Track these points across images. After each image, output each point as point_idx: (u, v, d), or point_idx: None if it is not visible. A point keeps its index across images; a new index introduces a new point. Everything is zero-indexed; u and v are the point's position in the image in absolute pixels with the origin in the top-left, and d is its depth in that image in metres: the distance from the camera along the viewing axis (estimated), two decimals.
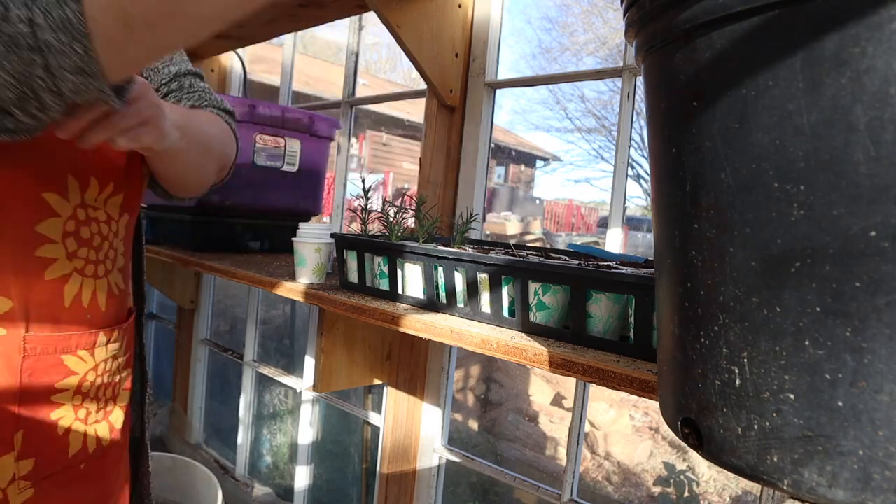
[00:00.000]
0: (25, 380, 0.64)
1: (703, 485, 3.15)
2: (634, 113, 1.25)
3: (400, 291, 1.00)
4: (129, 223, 0.78)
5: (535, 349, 0.75)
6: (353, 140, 2.06)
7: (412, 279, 0.98)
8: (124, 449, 0.80)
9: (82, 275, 0.69)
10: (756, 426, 0.34)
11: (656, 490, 3.19)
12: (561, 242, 8.05)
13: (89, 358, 0.70)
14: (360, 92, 1.96)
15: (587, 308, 0.77)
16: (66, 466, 0.68)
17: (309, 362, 2.00)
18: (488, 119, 1.49)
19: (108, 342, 0.73)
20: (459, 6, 1.44)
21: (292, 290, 1.13)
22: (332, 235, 1.13)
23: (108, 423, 0.75)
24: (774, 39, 0.32)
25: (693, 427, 0.39)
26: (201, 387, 2.50)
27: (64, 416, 0.68)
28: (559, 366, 0.73)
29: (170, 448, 2.47)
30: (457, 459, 1.50)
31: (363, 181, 1.11)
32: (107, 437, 0.75)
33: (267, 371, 2.18)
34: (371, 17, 1.70)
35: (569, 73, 1.37)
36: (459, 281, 0.91)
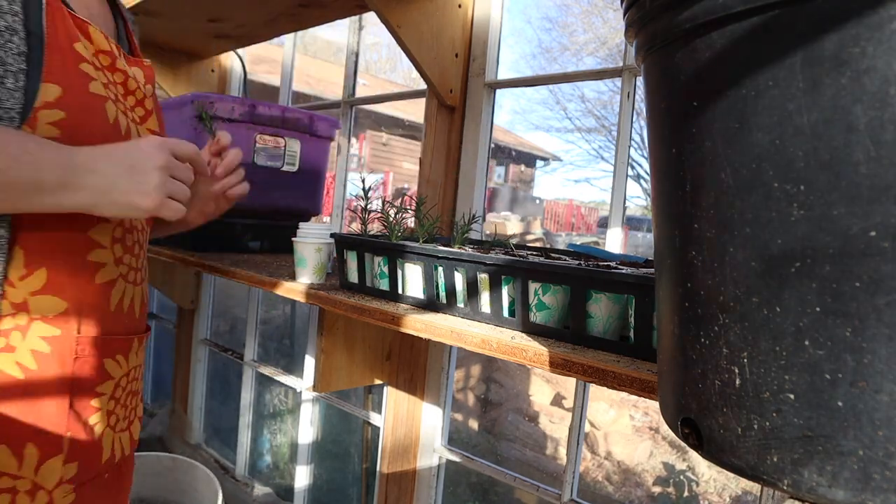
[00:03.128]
0: (76, 382, 0.64)
1: (703, 485, 3.15)
2: (634, 113, 1.25)
3: (400, 291, 1.00)
4: None
5: (535, 349, 0.75)
6: (353, 140, 2.06)
7: (412, 279, 0.98)
8: (133, 465, 0.80)
9: (126, 280, 0.71)
10: (756, 426, 0.34)
11: (656, 490, 3.20)
12: (561, 242, 8.05)
13: (124, 363, 0.71)
14: (360, 92, 1.96)
15: (587, 308, 0.77)
16: (97, 473, 0.69)
17: (309, 362, 2.00)
18: (488, 119, 1.49)
19: (138, 349, 0.75)
20: (459, 6, 1.44)
21: (292, 290, 1.13)
22: (332, 235, 1.13)
23: (129, 433, 0.75)
24: (774, 39, 0.32)
25: (693, 427, 0.39)
26: (201, 387, 2.50)
27: (98, 421, 0.68)
28: (559, 366, 0.73)
29: (170, 448, 2.47)
30: (457, 459, 1.50)
31: (363, 181, 1.11)
32: (128, 448, 0.75)
33: (267, 371, 2.18)
34: (371, 17, 1.70)
35: (569, 73, 1.37)
36: (459, 281, 0.91)
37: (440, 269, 0.94)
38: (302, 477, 2.04)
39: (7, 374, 0.59)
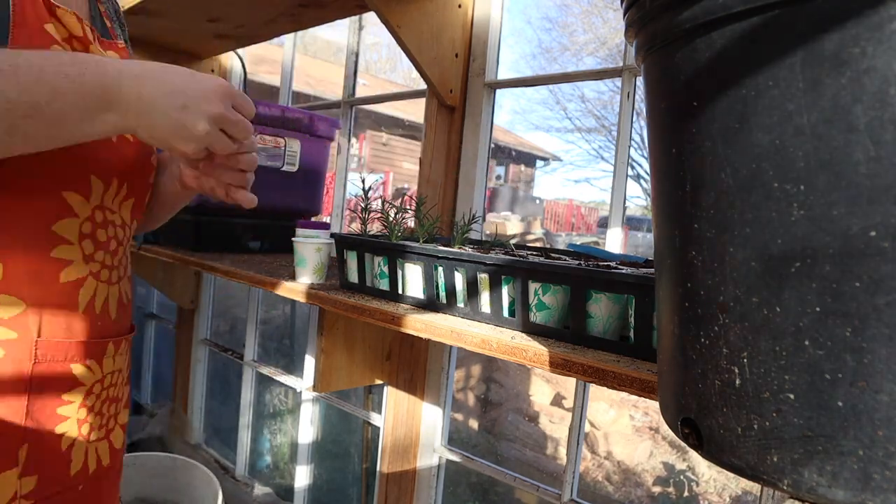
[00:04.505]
0: (35, 389, 0.60)
1: (703, 485, 3.15)
2: (634, 113, 1.25)
3: (400, 291, 1.00)
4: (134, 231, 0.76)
5: (535, 349, 0.75)
6: (353, 140, 2.06)
7: (412, 279, 0.98)
8: (119, 476, 0.75)
9: (97, 279, 0.66)
10: (756, 426, 0.34)
11: (656, 490, 3.19)
12: (561, 242, 8.05)
13: (97, 368, 0.67)
14: (360, 92, 1.96)
15: (587, 308, 0.77)
16: (66, 487, 0.64)
17: (309, 362, 2.00)
18: (488, 119, 1.49)
19: (115, 353, 0.70)
20: (459, 6, 1.44)
21: (292, 290, 1.13)
22: (332, 235, 1.13)
23: (108, 441, 0.71)
24: (774, 39, 0.32)
25: (693, 427, 0.39)
26: (201, 387, 2.50)
27: (68, 430, 0.63)
28: (559, 366, 0.73)
29: (170, 448, 2.47)
30: (457, 459, 1.50)
31: (363, 181, 1.11)
32: (107, 458, 0.70)
33: (267, 371, 2.18)
34: (371, 17, 1.70)
35: (569, 73, 1.37)
36: (459, 281, 0.91)
37: (440, 269, 0.94)
38: (302, 477, 2.04)
39: None
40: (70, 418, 0.63)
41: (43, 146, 0.53)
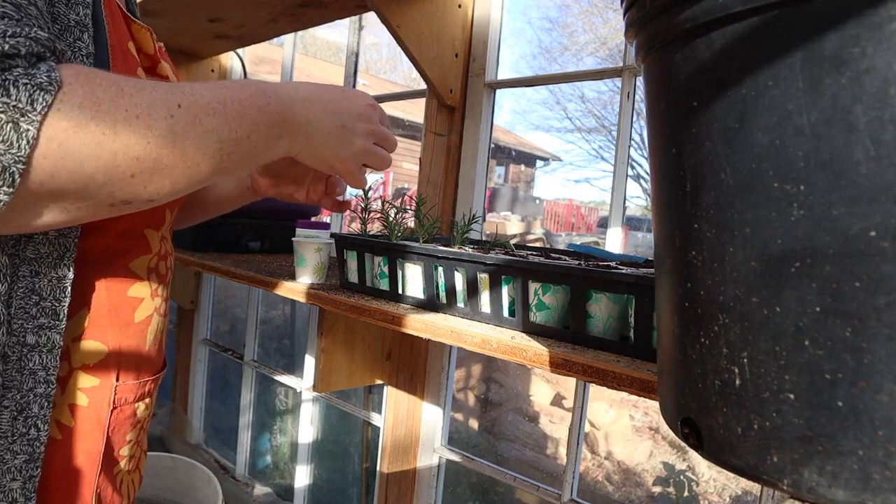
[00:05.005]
0: (109, 435, 0.58)
1: (703, 485, 3.15)
2: (634, 113, 1.25)
3: (400, 291, 1.00)
4: None
5: (535, 349, 0.75)
6: None
7: (412, 279, 0.98)
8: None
9: (159, 314, 0.64)
10: (756, 426, 0.34)
11: (656, 490, 3.19)
12: (561, 242, 8.04)
13: (150, 404, 0.65)
14: None
15: (587, 308, 0.77)
16: None
17: (309, 362, 2.00)
18: (488, 119, 1.49)
19: (157, 386, 0.68)
20: (459, 6, 1.44)
21: (292, 290, 1.13)
22: (332, 235, 1.13)
23: (138, 470, 0.70)
24: (774, 39, 0.32)
25: (693, 427, 0.39)
26: (201, 387, 2.50)
27: (121, 469, 0.62)
28: (559, 366, 0.73)
29: (170, 448, 2.47)
30: (457, 459, 1.50)
31: None
32: (137, 485, 0.69)
33: (267, 371, 2.18)
34: (371, 17, 1.70)
35: (569, 73, 1.37)
36: (459, 281, 0.91)
37: (440, 269, 0.94)
38: (302, 477, 2.04)
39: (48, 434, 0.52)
40: (125, 457, 0.62)
41: (225, 178, 0.52)
